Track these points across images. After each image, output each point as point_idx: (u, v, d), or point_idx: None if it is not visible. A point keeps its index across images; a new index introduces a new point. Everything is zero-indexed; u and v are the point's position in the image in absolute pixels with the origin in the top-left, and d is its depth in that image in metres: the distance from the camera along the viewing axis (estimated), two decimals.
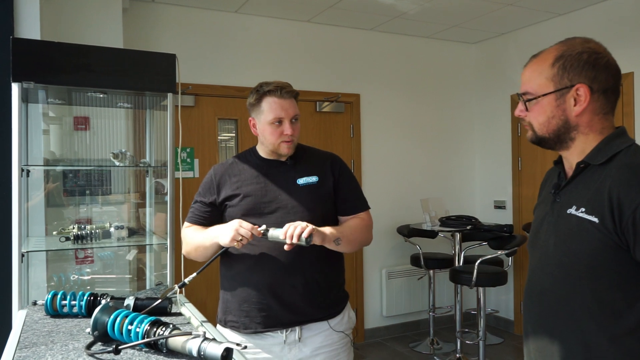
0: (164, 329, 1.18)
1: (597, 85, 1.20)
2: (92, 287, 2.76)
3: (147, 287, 2.75)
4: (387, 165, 4.70)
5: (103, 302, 1.50)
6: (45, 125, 2.82)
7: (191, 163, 3.97)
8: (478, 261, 3.64)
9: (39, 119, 2.70)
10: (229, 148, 4.21)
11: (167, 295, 1.56)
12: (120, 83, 2.26)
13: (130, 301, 1.51)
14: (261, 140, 1.86)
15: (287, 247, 1.61)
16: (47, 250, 2.51)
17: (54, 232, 2.50)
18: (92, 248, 2.68)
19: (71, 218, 2.82)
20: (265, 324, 1.77)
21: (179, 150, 2.45)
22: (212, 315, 1.79)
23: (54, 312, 1.54)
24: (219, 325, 1.86)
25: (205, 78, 3.94)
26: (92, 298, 1.54)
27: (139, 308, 1.48)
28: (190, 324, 1.49)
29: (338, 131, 4.54)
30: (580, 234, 1.17)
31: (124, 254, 2.90)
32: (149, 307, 1.47)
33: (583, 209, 1.17)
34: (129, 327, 1.20)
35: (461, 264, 4.10)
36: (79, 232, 2.36)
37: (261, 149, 1.89)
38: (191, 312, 1.58)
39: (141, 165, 2.81)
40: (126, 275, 2.92)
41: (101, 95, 2.45)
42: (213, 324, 1.56)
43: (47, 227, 2.64)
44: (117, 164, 2.52)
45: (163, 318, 1.27)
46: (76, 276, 2.73)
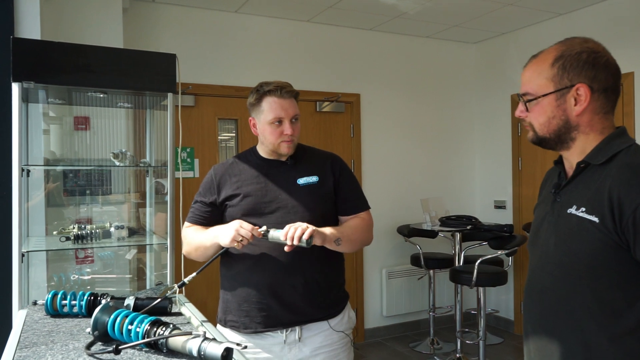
0: (164, 329, 1.18)
1: (597, 84, 1.20)
2: (93, 287, 2.76)
3: (148, 287, 2.75)
4: (387, 165, 4.70)
5: (103, 302, 1.50)
6: (46, 125, 2.82)
7: (191, 163, 3.97)
8: (478, 261, 3.64)
9: (39, 118, 2.71)
10: (229, 148, 4.21)
11: (166, 294, 1.56)
12: (120, 83, 2.26)
13: (130, 301, 1.51)
14: (261, 140, 1.86)
15: (288, 248, 1.62)
16: (47, 250, 2.51)
17: (54, 232, 2.50)
18: (92, 248, 2.68)
19: (71, 218, 2.82)
20: (265, 323, 1.77)
21: (179, 150, 2.45)
22: (212, 315, 1.79)
23: (54, 312, 1.54)
24: (219, 325, 1.86)
25: (206, 78, 3.95)
26: (92, 298, 1.54)
27: (139, 308, 1.48)
28: (190, 323, 1.49)
29: (338, 131, 4.54)
30: (580, 233, 1.17)
31: (124, 254, 2.90)
32: (148, 307, 1.47)
33: (583, 209, 1.17)
34: (129, 327, 1.20)
35: (461, 264, 4.10)
36: (79, 232, 2.36)
37: (261, 148, 1.89)
38: (191, 312, 1.58)
39: (141, 165, 2.81)
40: (126, 275, 2.92)
41: (101, 95, 2.45)
42: (213, 324, 1.56)
43: (47, 227, 2.64)
44: (118, 163, 2.53)
45: (163, 318, 1.27)
46: (76, 276, 2.73)
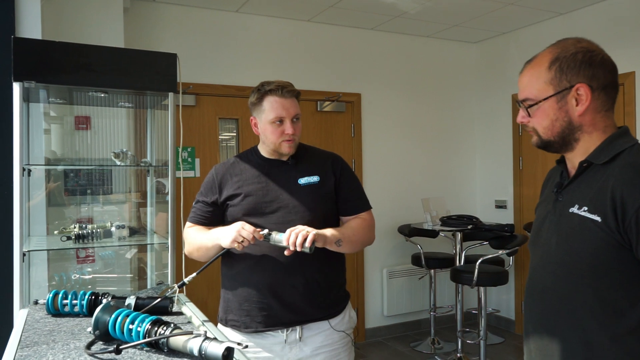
0: (165, 329, 1.18)
1: (596, 82, 1.20)
2: (93, 286, 2.76)
3: (148, 287, 2.76)
4: (388, 164, 4.70)
5: (104, 301, 1.50)
6: (47, 124, 2.82)
7: (192, 162, 3.97)
8: (479, 261, 3.64)
9: (40, 118, 2.71)
10: (230, 147, 4.21)
11: (166, 294, 1.56)
12: (121, 82, 2.26)
13: (131, 300, 1.51)
14: (262, 139, 1.86)
15: (288, 252, 1.62)
16: (48, 250, 2.51)
17: (55, 232, 2.50)
18: (93, 247, 2.68)
19: (72, 217, 2.83)
20: (266, 323, 1.77)
21: (180, 149, 2.45)
22: (213, 315, 1.79)
23: (55, 312, 1.54)
24: (220, 324, 1.86)
25: (206, 77, 3.95)
26: (93, 297, 1.54)
27: (140, 307, 1.48)
28: (191, 323, 1.49)
29: (339, 131, 4.54)
30: (582, 232, 1.17)
31: (125, 254, 2.90)
32: (148, 307, 1.47)
33: (585, 208, 1.17)
34: (130, 326, 1.20)
35: (462, 264, 4.10)
36: (80, 232, 2.36)
37: (262, 148, 1.89)
38: (192, 312, 1.58)
39: (142, 164, 2.81)
40: (127, 275, 2.92)
41: (102, 95, 2.45)
42: (214, 323, 1.56)
43: (48, 226, 2.64)
44: (118, 163, 2.53)
45: (164, 317, 1.27)
46: (77, 275, 2.74)
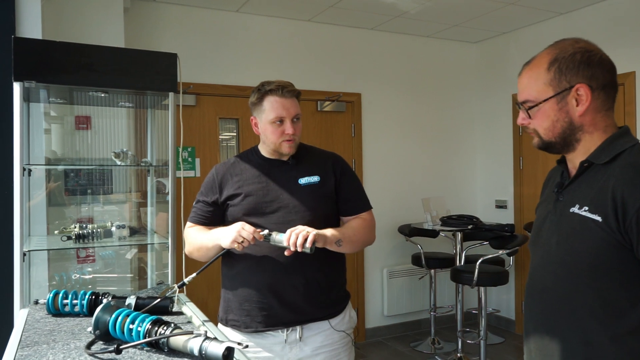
0: (165, 328, 1.18)
1: (595, 82, 1.20)
2: (94, 286, 2.76)
3: (149, 287, 2.76)
4: (388, 164, 4.70)
5: (104, 301, 1.50)
6: (47, 124, 2.82)
7: (192, 162, 3.98)
8: (479, 261, 3.64)
9: (40, 118, 2.71)
10: (230, 147, 4.22)
11: (165, 294, 1.56)
12: (121, 82, 2.26)
13: (131, 300, 1.51)
14: (263, 139, 1.86)
15: (288, 252, 1.62)
16: (48, 250, 2.51)
17: (56, 231, 2.50)
18: (93, 247, 2.68)
19: (73, 217, 2.83)
20: (266, 323, 1.77)
21: (180, 149, 2.45)
22: (213, 315, 1.79)
23: (56, 311, 1.54)
24: (220, 324, 1.86)
25: (207, 77, 3.95)
26: (93, 297, 1.54)
27: (141, 307, 1.48)
28: (191, 323, 1.49)
29: (339, 130, 4.54)
30: (583, 232, 1.17)
31: (125, 253, 2.90)
32: (148, 307, 1.47)
33: (586, 208, 1.17)
34: (131, 326, 1.20)
35: (462, 264, 4.10)
36: (81, 231, 2.36)
37: (263, 148, 1.89)
38: (192, 312, 1.58)
39: (142, 164, 2.81)
40: (127, 275, 2.92)
41: (102, 95, 2.45)
42: (214, 323, 1.56)
43: (48, 226, 2.64)
44: (119, 163, 2.53)
45: (164, 317, 1.27)
46: (78, 275, 2.74)
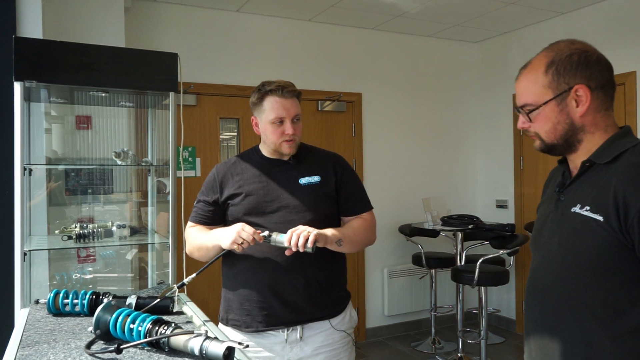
0: (165, 328, 1.18)
1: (594, 82, 1.20)
2: (94, 285, 2.76)
3: (149, 286, 2.76)
4: (388, 164, 4.70)
5: (105, 300, 1.50)
6: (48, 124, 2.82)
7: (193, 162, 3.98)
8: (480, 260, 3.64)
9: (41, 118, 2.71)
10: (231, 147, 4.22)
11: (165, 295, 1.56)
12: (122, 82, 2.26)
13: (132, 300, 1.51)
14: (263, 139, 1.86)
15: (288, 252, 1.63)
16: (49, 249, 2.51)
17: (56, 231, 2.50)
18: (94, 247, 2.68)
19: (73, 217, 2.83)
20: (267, 322, 1.77)
21: (181, 149, 2.45)
22: (214, 314, 1.79)
23: (56, 311, 1.54)
24: (220, 324, 1.86)
25: (207, 77, 3.95)
26: (94, 297, 1.54)
27: (141, 307, 1.48)
28: (192, 322, 1.49)
29: (340, 130, 4.54)
30: (584, 232, 1.17)
31: (126, 253, 2.90)
32: (148, 307, 1.47)
33: (588, 208, 1.17)
34: (131, 325, 1.20)
35: (463, 263, 4.10)
36: (81, 231, 2.37)
37: (264, 148, 1.89)
38: (193, 311, 1.58)
39: (143, 164, 2.81)
40: (128, 274, 2.92)
41: (103, 94, 2.45)
42: (215, 323, 1.56)
43: (49, 225, 2.64)
44: (119, 163, 2.53)
45: (165, 317, 1.27)
46: (78, 275, 2.74)
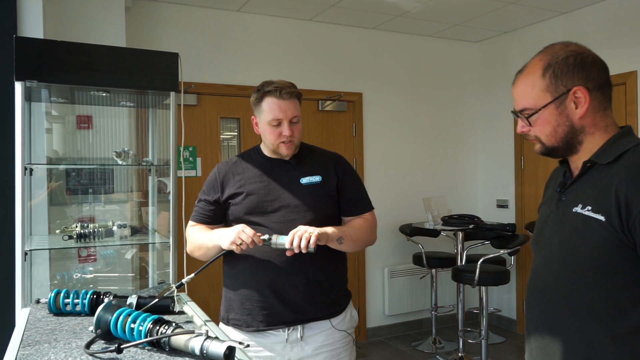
0: (166, 328, 1.18)
1: (591, 83, 1.21)
2: (95, 285, 2.77)
3: (150, 286, 2.76)
4: (389, 164, 4.70)
5: (106, 300, 1.50)
6: (48, 124, 2.83)
7: (194, 162, 3.98)
8: (480, 260, 3.64)
9: (42, 117, 2.71)
10: (231, 147, 4.22)
11: (164, 295, 1.56)
12: (122, 82, 2.26)
13: (133, 299, 1.51)
14: (263, 139, 1.86)
15: (289, 253, 1.63)
16: (50, 249, 2.51)
17: (57, 231, 2.51)
18: (94, 246, 2.69)
19: (74, 216, 2.83)
20: (268, 322, 1.77)
21: (182, 149, 2.45)
22: (214, 314, 1.79)
23: (57, 310, 1.54)
24: (221, 323, 1.86)
25: (208, 77, 3.95)
26: (95, 296, 1.54)
27: (142, 306, 1.48)
28: (192, 322, 1.49)
29: (340, 130, 4.54)
30: (585, 232, 1.17)
31: (127, 253, 2.91)
32: (147, 306, 1.47)
33: (589, 207, 1.17)
34: (132, 325, 1.20)
35: (463, 263, 4.10)
36: (82, 231, 2.37)
37: (265, 147, 1.89)
38: (194, 311, 1.58)
39: (144, 164, 2.81)
40: (129, 274, 2.92)
41: (104, 94, 2.45)
42: (215, 323, 1.56)
43: (50, 225, 2.65)
44: (120, 162, 2.53)
45: (166, 317, 1.28)
46: (79, 274, 2.74)
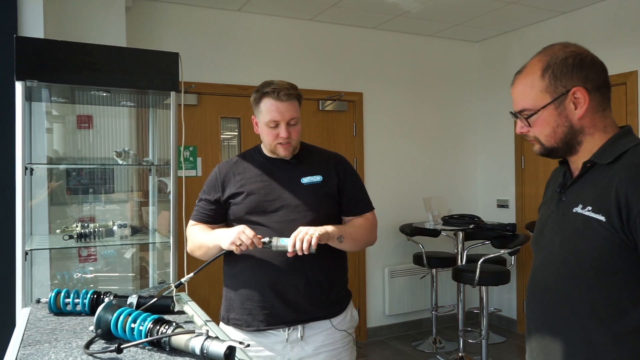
0: (166, 327, 1.18)
1: (590, 84, 1.21)
2: (96, 285, 2.77)
3: (150, 286, 2.76)
4: (389, 163, 4.70)
5: (106, 300, 1.50)
6: (49, 123, 2.83)
7: (194, 162, 3.98)
8: (481, 260, 3.64)
9: (42, 117, 2.71)
10: (232, 147, 4.22)
11: (162, 294, 1.56)
12: (123, 81, 2.26)
13: (133, 299, 1.51)
14: (261, 139, 1.86)
15: (290, 254, 1.63)
16: (50, 249, 2.52)
17: (58, 231, 2.51)
18: (95, 246, 2.69)
19: (74, 216, 2.83)
20: (268, 322, 1.77)
21: (182, 148, 2.45)
22: (215, 313, 1.79)
23: (58, 310, 1.55)
24: (221, 323, 1.86)
25: (208, 77, 3.95)
26: (95, 296, 1.55)
27: (142, 306, 1.48)
28: (193, 322, 1.49)
29: (341, 130, 4.54)
30: (586, 232, 1.17)
31: (127, 253, 2.91)
32: (145, 306, 1.47)
33: (589, 208, 1.17)
34: (132, 325, 1.21)
35: (464, 263, 4.10)
36: (82, 231, 2.37)
37: (265, 147, 1.89)
38: (194, 311, 1.58)
39: (144, 163, 2.82)
40: (129, 274, 2.92)
41: (104, 94, 2.45)
42: (216, 322, 1.56)
43: (50, 225, 2.65)
44: (120, 162, 2.53)
45: (166, 316, 1.28)
46: (79, 274, 2.74)
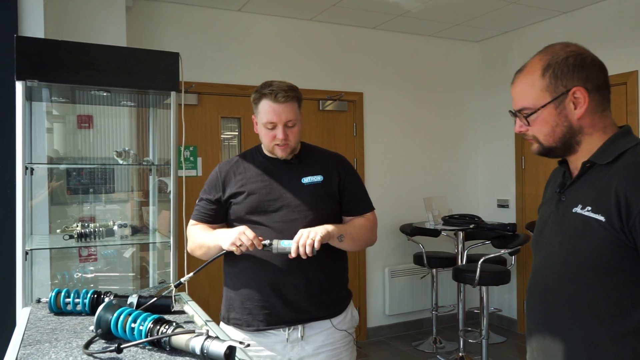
0: (167, 327, 1.18)
1: (590, 84, 1.21)
2: (96, 285, 2.77)
3: (150, 285, 2.76)
4: (390, 163, 4.70)
5: (106, 300, 1.50)
6: (49, 123, 2.83)
7: (194, 161, 3.98)
8: (481, 260, 3.64)
9: (42, 117, 2.71)
10: (232, 146, 4.22)
11: (162, 294, 1.56)
12: (123, 81, 2.26)
13: (133, 299, 1.51)
14: (260, 139, 1.86)
15: (291, 255, 1.63)
16: (50, 248, 2.52)
17: (58, 230, 2.51)
18: (95, 246, 2.69)
19: (75, 216, 2.83)
20: (268, 321, 1.77)
21: (182, 148, 2.46)
22: (215, 313, 1.79)
23: (58, 310, 1.55)
24: (222, 323, 1.86)
25: (208, 76, 3.95)
26: (95, 296, 1.55)
27: (142, 306, 1.48)
28: (193, 322, 1.49)
29: (341, 130, 4.54)
30: (586, 232, 1.17)
31: (127, 252, 2.91)
32: (144, 305, 1.47)
33: (589, 208, 1.17)
34: (132, 325, 1.21)
35: (464, 263, 4.10)
36: (83, 230, 2.37)
37: (265, 147, 1.89)
38: (194, 311, 1.58)
39: (144, 163, 2.82)
40: (129, 274, 2.92)
41: (104, 94, 2.45)
42: (216, 322, 1.56)
43: (50, 225, 2.65)
44: (121, 162, 2.53)
45: (166, 316, 1.28)
46: (80, 274, 2.74)
